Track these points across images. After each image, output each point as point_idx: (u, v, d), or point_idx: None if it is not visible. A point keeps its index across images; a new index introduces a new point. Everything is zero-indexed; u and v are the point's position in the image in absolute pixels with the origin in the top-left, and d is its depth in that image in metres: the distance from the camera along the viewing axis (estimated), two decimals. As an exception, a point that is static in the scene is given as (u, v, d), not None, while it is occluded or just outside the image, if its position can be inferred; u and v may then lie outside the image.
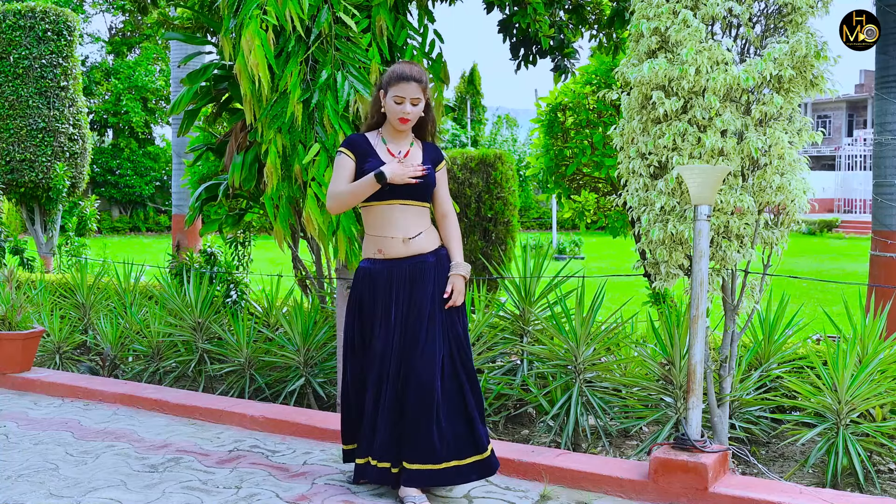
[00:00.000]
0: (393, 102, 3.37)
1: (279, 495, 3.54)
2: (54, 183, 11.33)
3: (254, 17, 4.13)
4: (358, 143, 3.46)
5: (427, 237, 3.43)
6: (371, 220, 3.45)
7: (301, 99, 4.23)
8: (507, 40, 6.64)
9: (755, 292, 3.86)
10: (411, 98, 3.36)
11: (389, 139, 3.47)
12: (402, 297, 3.38)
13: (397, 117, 3.38)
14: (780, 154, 3.61)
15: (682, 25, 3.58)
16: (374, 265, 3.44)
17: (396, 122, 3.41)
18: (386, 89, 3.40)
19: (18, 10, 11.45)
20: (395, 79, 3.36)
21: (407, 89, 3.34)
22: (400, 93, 3.35)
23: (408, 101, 3.36)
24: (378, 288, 3.41)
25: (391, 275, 3.39)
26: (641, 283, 8.97)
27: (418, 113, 3.42)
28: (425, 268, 3.40)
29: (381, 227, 3.41)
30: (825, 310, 5.30)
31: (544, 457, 3.74)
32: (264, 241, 7.89)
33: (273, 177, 4.35)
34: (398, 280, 3.39)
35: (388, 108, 3.40)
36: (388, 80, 3.39)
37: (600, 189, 6.64)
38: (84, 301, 6.50)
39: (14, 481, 3.73)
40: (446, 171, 3.61)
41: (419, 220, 3.42)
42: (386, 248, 3.41)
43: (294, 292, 5.88)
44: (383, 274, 3.40)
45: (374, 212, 3.43)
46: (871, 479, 3.69)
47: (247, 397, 5.05)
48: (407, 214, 3.40)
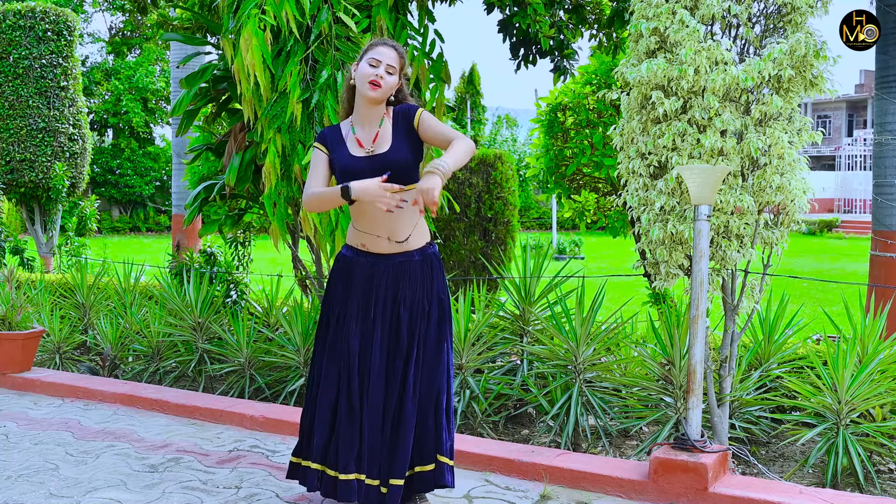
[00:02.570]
0: (367, 65, 3.09)
1: (279, 495, 3.54)
2: (54, 183, 11.34)
3: (252, 17, 4.13)
4: (328, 135, 3.23)
5: (415, 236, 3.19)
6: (356, 213, 3.17)
7: (301, 98, 4.23)
8: (507, 40, 6.65)
9: (755, 292, 3.86)
10: (387, 64, 3.09)
11: (359, 123, 3.19)
12: (384, 296, 3.16)
13: (368, 80, 3.07)
14: (780, 154, 3.61)
15: (680, 25, 3.58)
16: (355, 256, 3.22)
17: (365, 87, 3.08)
18: (361, 57, 3.16)
19: (18, 10, 11.45)
20: (373, 45, 3.15)
21: (384, 53, 3.10)
22: (376, 56, 3.10)
23: (383, 65, 3.08)
24: (354, 280, 3.19)
25: (374, 270, 3.17)
26: (641, 283, 8.97)
27: (392, 84, 3.12)
28: (412, 266, 3.17)
29: (368, 223, 3.15)
30: (825, 310, 5.30)
31: (544, 457, 3.74)
32: (264, 241, 7.89)
33: (272, 176, 4.35)
34: (381, 276, 3.16)
35: (360, 73, 3.10)
36: (365, 49, 3.19)
37: (600, 189, 6.64)
38: (84, 301, 6.50)
39: (14, 481, 3.73)
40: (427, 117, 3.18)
41: (408, 213, 3.13)
42: (371, 244, 3.18)
43: (294, 292, 5.88)
44: (364, 267, 3.18)
45: (357, 207, 3.14)
46: (871, 479, 3.69)
47: (247, 397, 5.05)
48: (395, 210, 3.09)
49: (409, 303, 3.17)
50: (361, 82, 3.11)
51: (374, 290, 3.17)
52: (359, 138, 3.17)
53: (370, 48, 3.16)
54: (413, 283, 3.18)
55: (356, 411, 3.15)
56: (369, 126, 3.18)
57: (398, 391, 3.15)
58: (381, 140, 3.16)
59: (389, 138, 3.17)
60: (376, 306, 3.16)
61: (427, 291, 3.20)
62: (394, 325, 3.16)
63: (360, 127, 3.19)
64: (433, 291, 3.22)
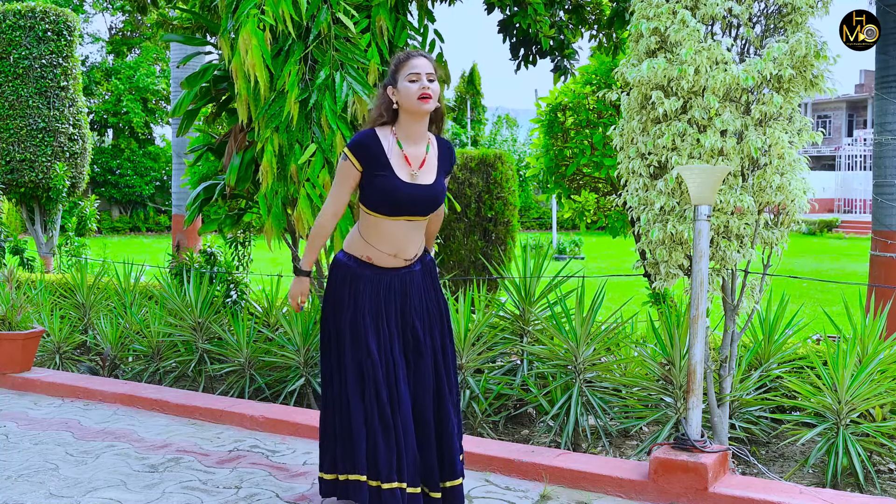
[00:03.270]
0: (408, 83, 2.97)
1: (279, 495, 3.54)
2: (54, 183, 11.34)
3: (251, 17, 4.13)
4: (369, 148, 3.03)
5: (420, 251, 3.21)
6: (368, 229, 3.11)
7: (299, 98, 4.23)
8: (507, 40, 6.66)
9: (755, 292, 3.86)
10: (426, 73, 2.98)
11: (406, 139, 3.06)
12: (395, 307, 3.13)
13: (417, 96, 2.96)
14: (780, 154, 3.61)
15: (680, 25, 3.58)
16: (358, 267, 3.14)
17: (417, 104, 2.97)
18: (395, 77, 3.03)
19: (18, 10, 11.45)
20: (403, 60, 3.02)
21: (419, 65, 2.98)
22: (413, 70, 2.97)
23: (423, 75, 2.97)
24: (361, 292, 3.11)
25: (380, 282, 3.12)
26: (641, 283, 8.97)
27: (438, 91, 3.01)
28: (415, 277, 3.17)
29: (379, 240, 3.09)
30: (825, 310, 5.30)
31: (544, 457, 3.73)
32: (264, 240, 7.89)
33: (269, 175, 4.35)
34: (388, 289, 3.12)
35: (405, 93, 2.98)
36: (395, 68, 3.05)
37: (600, 189, 6.64)
38: (84, 301, 6.50)
39: (14, 481, 3.73)
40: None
41: (417, 235, 3.15)
42: (377, 259, 3.12)
43: (294, 292, 5.87)
44: (370, 280, 3.12)
45: (377, 223, 3.08)
46: (871, 479, 3.69)
47: (247, 397, 5.05)
48: (409, 232, 3.11)
49: (419, 311, 3.18)
50: (410, 101, 2.99)
51: (382, 302, 3.12)
52: (407, 155, 3.05)
53: (401, 65, 3.02)
54: (419, 291, 3.19)
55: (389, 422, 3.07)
56: (416, 144, 3.08)
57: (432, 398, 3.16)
58: (428, 168, 3.09)
59: (434, 169, 3.11)
60: (388, 318, 3.13)
61: (432, 298, 3.23)
62: (409, 334, 3.15)
63: (407, 143, 3.07)
64: (438, 297, 3.26)
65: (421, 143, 3.09)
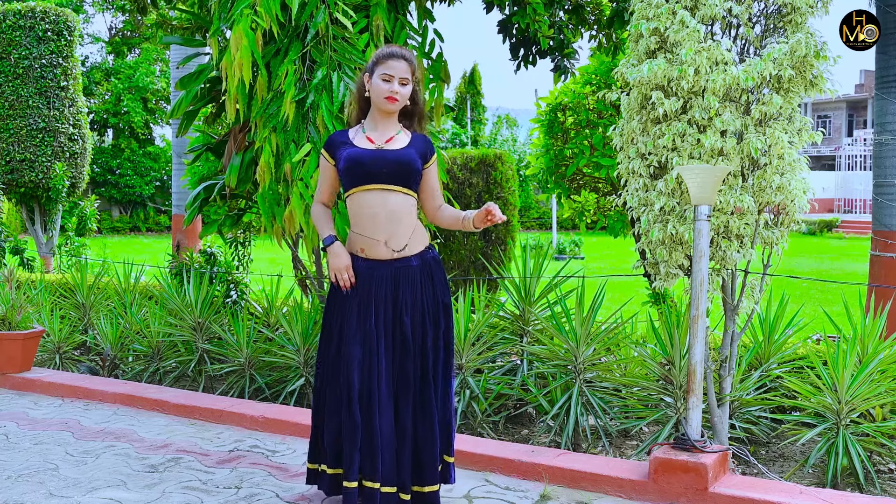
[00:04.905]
0: (380, 81, 3.12)
1: (279, 495, 3.54)
2: (54, 183, 11.34)
3: (245, 16, 4.13)
4: (335, 140, 3.25)
5: (413, 243, 3.20)
6: (354, 212, 3.20)
7: (296, 98, 4.23)
8: (507, 40, 6.66)
9: (755, 292, 3.86)
10: (400, 77, 3.12)
11: (372, 128, 3.22)
12: (384, 302, 3.15)
13: (384, 96, 3.12)
14: (780, 154, 3.61)
15: (680, 26, 3.58)
16: (354, 261, 3.20)
17: (383, 103, 3.14)
18: (372, 70, 3.17)
19: (18, 10, 11.45)
20: (383, 57, 3.14)
21: (396, 67, 3.12)
22: (388, 70, 3.11)
23: (396, 79, 3.12)
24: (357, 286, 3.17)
25: (372, 275, 3.16)
26: (641, 283, 8.97)
27: (406, 95, 3.17)
28: (410, 272, 3.18)
29: (366, 225, 3.16)
30: (825, 310, 5.30)
31: (544, 457, 3.74)
32: (264, 241, 7.89)
33: (266, 175, 4.35)
34: (379, 283, 3.15)
35: (375, 89, 3.15)
36: (374, 61, 3.18)
37: (600, 189, 6.65)
38: (84, 301, 6.50)
39: (14, 481, 3.73)
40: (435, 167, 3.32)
41: (403, 217, 3.16)
42: (369, 249, 3.18)
43: (294, 292, 5.88)
44: (362, 273, 3.17)
45: (356, 201, 3.17)
46: (871, 479, 3.69)
47: (247, 397, 5.05)
48: (391, 211, 3.13)
49: (411, 308, 3.17)
50: (378, 98, 3.16)
51: (372, 296, 3.15)
52: (369, 136, 3.21)
53: (380, 61, 3.15)
54: (413, 288, 3.18)
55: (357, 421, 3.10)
56: (384, 130, 3.23)
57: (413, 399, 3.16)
58: (395, 143, 3.21)
59: (403, 145, 3.22)
60: (377, 313, 3.15)
61: (429, 296, 3.21)
62: (398, 331, 3.16)
63: (372, 130, 3.23)
64: (436, 296, 3.23)
65: (387, 133, 3.23)
